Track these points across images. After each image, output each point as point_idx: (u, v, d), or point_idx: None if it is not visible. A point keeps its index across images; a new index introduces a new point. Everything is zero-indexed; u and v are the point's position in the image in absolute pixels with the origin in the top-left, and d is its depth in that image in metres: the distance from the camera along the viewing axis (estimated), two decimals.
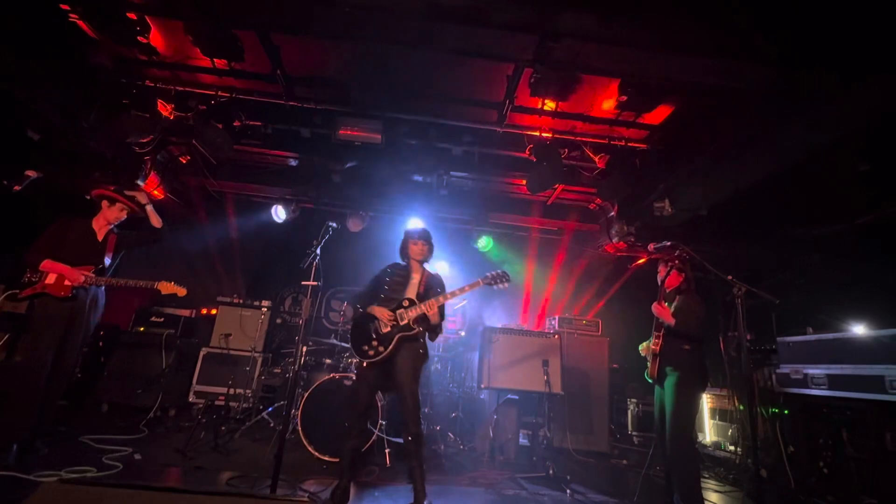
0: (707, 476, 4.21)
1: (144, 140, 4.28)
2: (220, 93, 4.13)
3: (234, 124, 4.20)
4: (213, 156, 5.02)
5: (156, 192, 4.93)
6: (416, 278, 3.06)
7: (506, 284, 2.95)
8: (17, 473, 2.54)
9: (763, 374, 4.17)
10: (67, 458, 2.95)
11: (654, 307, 3.13)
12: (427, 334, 2.97)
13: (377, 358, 2.78)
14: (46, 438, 3.14)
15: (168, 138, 4.73)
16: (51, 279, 3.10)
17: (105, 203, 3.41)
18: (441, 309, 2.94)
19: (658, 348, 3.11)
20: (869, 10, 2.65)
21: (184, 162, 5.21)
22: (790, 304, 2.98)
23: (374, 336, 2.84)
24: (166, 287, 3.43)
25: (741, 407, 4.43)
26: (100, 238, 3.39)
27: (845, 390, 3.33)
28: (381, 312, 2.86)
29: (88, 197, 3.44)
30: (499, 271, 2.99)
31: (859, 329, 3.58)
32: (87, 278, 3.17)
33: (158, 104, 4.17)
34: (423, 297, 2.90)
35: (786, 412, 3.99)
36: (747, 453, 4.16)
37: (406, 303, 2.88)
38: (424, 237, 3.13)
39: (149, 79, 4.15)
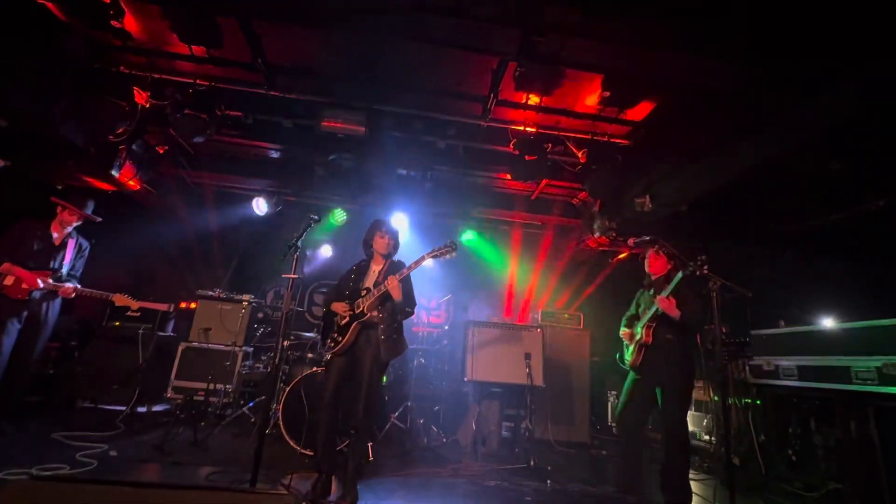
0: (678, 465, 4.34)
1: (119, 129, 4.15)
2: (198, 81, 4.02)
3: (216, 113, 4.09)
4: (191, 146, 4.90)
5: (131, 183, 4.79)
6: (376, 269, 3.08)
7: (453, 254, 2.90)
8: None
9: (737, 366, 4.30)
10: (39, 455, 2.87)
11: (661, 301, 3.03)
12: (393, 318, 2.92)
13: (336, 348, 2.85)
14: (10, 422, 3.36)
15: (144, 127, 4.58)
16: (9, 281, 3.27)
17: (59, 208, 3.59)
18: (404, 285, 2.87)
19: (651, 340, 3.10)
20: (842, 9, 2.72)
21: (161, 152, 5.07)
22: (764, 298, 3.07)
23: (335, 329, 2.92)
24: (120, 299, 3.61)
25: (716, 398, 4.56)
26: (57, 243, 3.56)
27: (814, 381, 3.46)
28: (338, 307, 2.94)
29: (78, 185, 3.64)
30: (445, 243, 2.91)
31: (828, 322, 3.72)
32: (44, 284, 3.37)
33: (134, 91, 4.04)
34: (380, 283, 2.88)
35: (758, 402, 4.13)
36: (721, 442, 4.29)
37: (363, 292, 2.91)
38: (392, 233, 3.11)
39: (124, 65, 4.00)
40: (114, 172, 4.53)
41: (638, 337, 3.19)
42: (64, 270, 3.53)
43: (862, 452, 3.20)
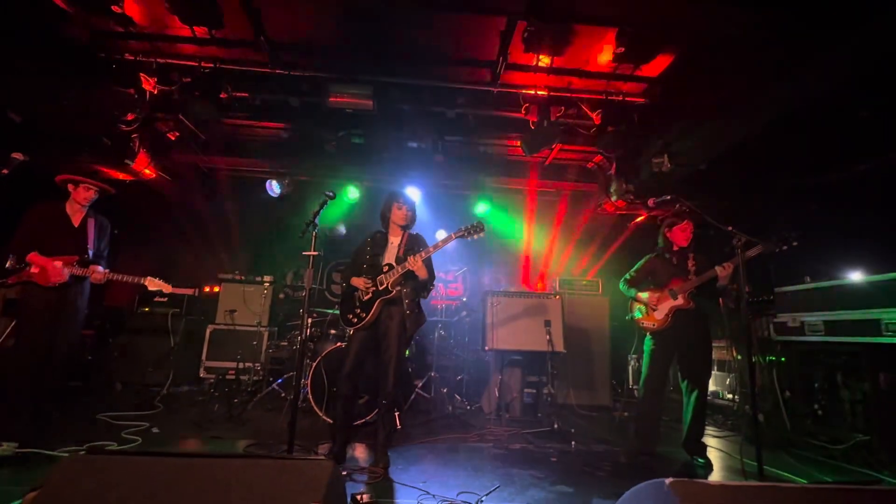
0: (706, 423, 4.38)
1: (129, 117, 4.16)
2: (203, 63, 3.98)
3: (221, 97, 4.07)
4: (201, 130, 4.90)
5: (147, 172, 4.84)
6: (394, 242, 3.05)
7: (481, 233, 2.88)
8: (41, 450, 2.63)
9: (761, 324, 4.25)
10: (87, 434, 3.04)
11: (725, 269, 3.06)
12: (416, 293, 2.95)
13: (360, 324, 2.86)
14: (53, 405, 3.27)
15: (154, 114, 4.60)
16: (36, 269, 3.12)
17: (70, 186, 3.36)
18: (426, 264, 2.88)
19: (692, 305, 3.19)
20: None
21: (172, 139, 5.09)
22: (788, 255, 3.00)
23: (357, 304, 2.91)
24: (153, 283, 3.40)
25: (739, 357, 4.54)
26: (76, 223, 3.34)
27: (842, 335, 3.41)
28: (359, 282, 2.92)
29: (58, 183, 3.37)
30: (473, 223, 2.90)
31: (855, 276, 3.61)
32: (71, 270, 3.17)
33: (141, 78, 4.03)
34: (402, 260, 2.87)
35: (782, 359, 4.10)
36: (745, 400, 4.30)
37: (386, 268, 2.90)
38: (409, 203, 3.08)
39: (128, 52, 3.99)
40: (128, 162, 4.58)
41: (677, 301, 3.21)
42: (90, 253, 3.35)
43: (891, 403, 3.17)
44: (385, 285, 2.85)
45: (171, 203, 5.77)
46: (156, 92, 4.10)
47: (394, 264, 2.88)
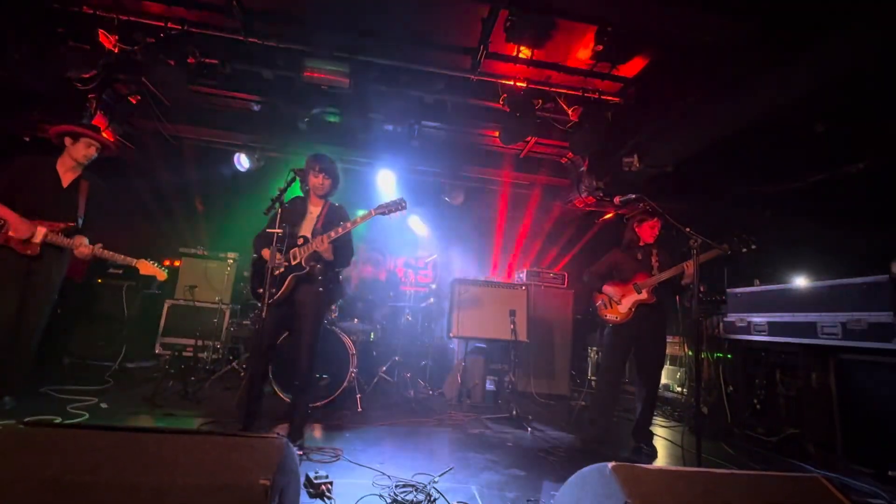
0: (655, 414, 4.61)
1: (86, 75, 3.90)
2: (169, 24, 3.76)
3: (188, 61, 3.87)
4: (165, 96, 4.65)
5: (105, 135, 4.56)
6: (313, 212, 2.87)
7: (402, 210, 2.79)
8: None
9: (712, 323, 4.48)
10: (29, 408, 2.89)
11: (691, 266, 3.04)
12: (331, 267, 2.83)
13: (272, 301, 2.67)
14: (15, 394, 2.93)
15: (114, 75, 4.33)
16: (12, 231, 2.75)
17: (68, 140, 2.96)
18: (342, 242, 2.78)
19: (654, 300, 3.29)
20: None
21: (133, 102, 4.81)
22: (741, 258, 3.17)
23: (269, 279, 2.71)
24: (147, 268, 3.06)
25: (690, 352, 4.78)
26: (65, 184, 2.96)
27: (782, 336, 3.64)
28: (271, 255, 2.70)
29: (47, 137, 3.04)
30: (394, 200, 2.79)
31: (799, 281, 3.86)
32: (45, 236, 2.78)
33: (100, 35, 3.77)
34: (320, 233, 2.73)
35: (729, 356, 4.35)
36: (692, 393, 4.54)
37: (300, 241, 2.73)
38: (328, 170, 2.84)
39: (86, 4, 3.72)
40: (84, 122, 4.29)
41: (641, 296, 3.30)
42: (80, 221, 2.95)
43: (820, 400, 3.43)
44: (298, 260, 2.68)
45: (130, 171, 5.49)
46: (116, 51, 3.85)
47: (309, 238, 2.72)
